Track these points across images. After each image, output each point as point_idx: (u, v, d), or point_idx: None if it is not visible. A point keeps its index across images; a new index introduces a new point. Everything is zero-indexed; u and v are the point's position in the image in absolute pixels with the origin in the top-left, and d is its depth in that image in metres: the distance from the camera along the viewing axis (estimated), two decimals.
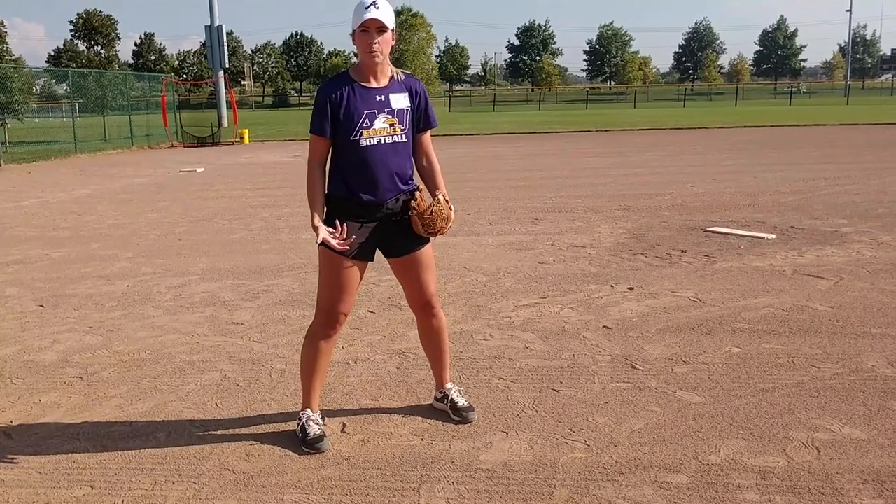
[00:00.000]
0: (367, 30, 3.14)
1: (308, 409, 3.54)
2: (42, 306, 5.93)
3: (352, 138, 3.23)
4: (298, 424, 3.52)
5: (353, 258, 3.32)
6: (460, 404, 3.72)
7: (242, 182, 14.62)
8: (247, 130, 28.63)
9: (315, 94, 3.29)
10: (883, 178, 12.14)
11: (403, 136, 3.32)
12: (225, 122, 33.72)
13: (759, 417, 3.59)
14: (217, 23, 38.48)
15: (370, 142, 3.25)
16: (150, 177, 16.42)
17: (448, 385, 3.80)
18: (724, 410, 3.68)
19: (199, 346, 4.90)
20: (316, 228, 3.20)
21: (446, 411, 3.74)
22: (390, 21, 3.15)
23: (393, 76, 3.32)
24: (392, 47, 3.26)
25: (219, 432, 3.64)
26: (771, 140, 21.63)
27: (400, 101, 3.31)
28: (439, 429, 3.60)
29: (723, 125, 29.85)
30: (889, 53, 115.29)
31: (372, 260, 3.44)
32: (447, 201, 3.37)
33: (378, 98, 3.26)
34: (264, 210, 10.65)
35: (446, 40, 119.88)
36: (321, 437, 3.44)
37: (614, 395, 3.90)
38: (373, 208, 3.32)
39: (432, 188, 3.48)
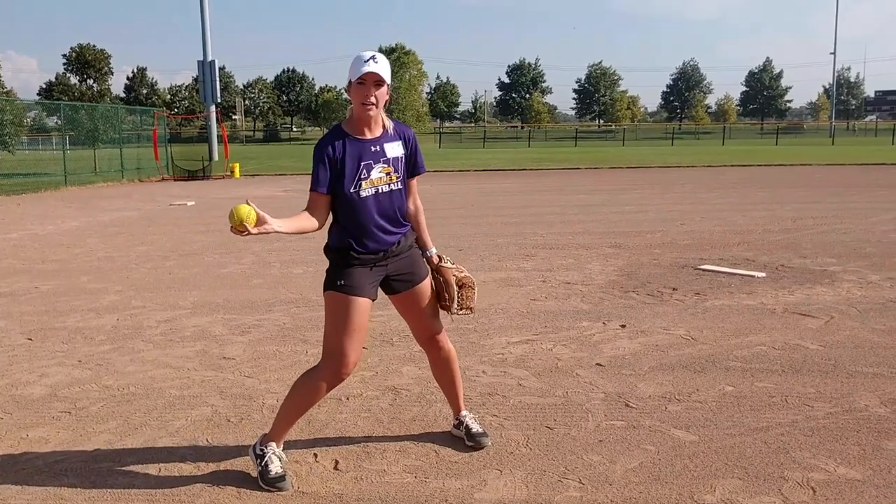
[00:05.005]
0: (364, 83, 3.19)
1: (273, 443, 3.49)
2: (30, 339, 5.88)
3: (351, 190, 3.27)
4: (259, 459, 3.45)
5: (364, 297, 3.33)
6: (474, 430, 3.78)
7: None
8: (237, 164, 28.68)
9: (312, 150, 3.33)
10: (870, 217, 12.25)
11: (399, 183, 3.41)
12: (216, 156, 33.81)
13: (753, 457, 3.58)
14: (210, 58, 38.82)
15: (369, 192, 3.31)
16: (140, 210, 16.39)
17: (463, 412, 3.88)
18: (718, 449, 3.67)
19: (190, 380, 4.86)
20: (263, 221, 3.06)
21: (462, 438, 3.80)
22: (387, 75, 3.21)
23: (384, 126, 3.38)
24: (386, 101, 3.31)
25: (210, 469, 3.59)
26: (758, 179, 21.84)
27: (394, 149, 3.38)
28: (433, 466, 3.57)
29: (710, 164, 30.11)
30: (872, 95, 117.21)
31: (376, 299, 3.45)
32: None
33: (373, 149, 3.32)
34: (255, 244, 10.63)
35: (437, 77, 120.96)
36: (283, 476, 3.39)
37: (608, 434, 3.89)
38: (380, 254, 3.37)
39: (420, 241, 3.62)
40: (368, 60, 3.17)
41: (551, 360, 5.11)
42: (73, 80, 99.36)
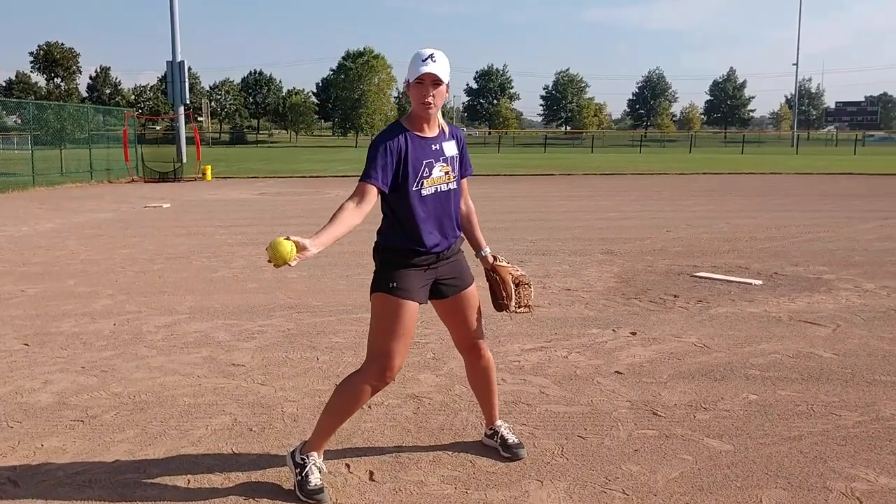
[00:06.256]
0: (423, 83, 3.13)
1: (314, 453, 3.40)
2: (27, 345, 5.69)
3: (414, 189, 3.19)
4: (299, 469, 3.35)
5: (415, 300, 3.26)
6: (510, 441, 3.71)
7: (211, 219, 14.38)
8: (209, 167, 28.31)
9: (369, 145, 3.22)
10: (852, 226, 12.43)
11: (455, 182, 3.36)
12: (184, 158, 33.32)
13: (792, 467, 3.56)
14: (179, 58, 38.27)
15: (430, 191, 3.24)
16: (115, 212, 16.07)
17: (498, 422, 3.80)
18: (756, 459, 3.64)
19: (202, 388, 4.73)
20: (303, 249, 2.90)
21: (496, 448, 3.73)
22: (446, 75, 3.14)
23: (440, 125, 3.32)
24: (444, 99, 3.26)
25: (240, 480, 3.48)
26: (730, 187, 22.09)
27: (451, 148, 3.34)
28: (471, 477, 3.50)
29: (682, 172, 30.43)
30: (833, 106, 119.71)
31: (425, 303, 3.38)
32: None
33: (434, 147, 3.26)
34: (241, 248, 10.46)
35: (406, 81, 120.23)
36: (322, 489, 3.30)
37: (642, 443, 3.85)
38: (437, 255, 3.31)
39: (474, 241, 3.62)
40: (427, 60, 3.10)
41: (569, 367, 5.06)
42: (37, 78, 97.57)
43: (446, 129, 3.35)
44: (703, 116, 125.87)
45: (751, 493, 3.31)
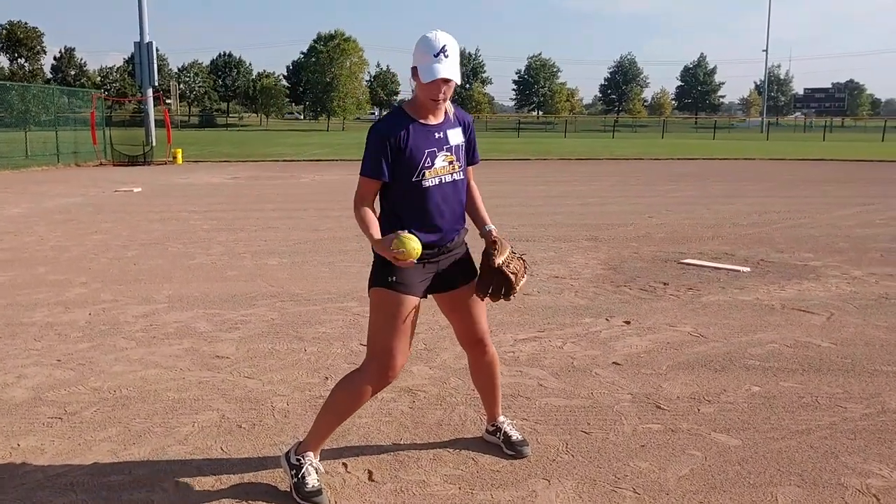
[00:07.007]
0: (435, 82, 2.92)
1: (310, 453, 3.24)
2: None
3: (414, 180, 3.01)
4: (295, 470, 3.17)
5: (416, 295, 3.09)
6: (514, 438, 3.57)
7: (185, 204, 14.05)
8: (180, 150, 27.78)
9: (368, 133, 3.04)
10: (831, 212, 12.45)
11: (461, 172, 3.16)
12: (153, 141, 32.72)
13: (804, 462, 3.46)
14: (147, 39, 37.49)
15: (433, 182, 3.05)
16: (84, 196, 15.66)
17: (501, 418, 3.66)
18: (766, 454, 3.54)
19: (186, 382, 4.53)
20: (378, 241, 2.90)
21: (498, 445, 3.59)
22: (458, 72, 2.93)
23: (447, 111, 3.12)
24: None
25: (232, 482, 3.31)
26: (708, 173, 22.10)
27: (456, 136, 3.14)
28: (475, 476, 3.36)
29: (656, 157, 30.45)
30: (801, 92, 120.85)
31: (426, 297, 3.21)
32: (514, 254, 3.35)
33: (437, 135, 3.06)
34: (218, 234, 10.20)
35: (377, 65, 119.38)
36: (320, 490, 3.13)
37: (648, 438, 3.73)
38: (437, 249, 3.11)
39: (478, 218, 3.36)
40: (439, 55, 2.88)
41: (565, 358, 4.93)
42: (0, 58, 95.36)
43: (452, 115, 3.15)
44: (674, 102, 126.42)
45: (765, 490, 3.21)
